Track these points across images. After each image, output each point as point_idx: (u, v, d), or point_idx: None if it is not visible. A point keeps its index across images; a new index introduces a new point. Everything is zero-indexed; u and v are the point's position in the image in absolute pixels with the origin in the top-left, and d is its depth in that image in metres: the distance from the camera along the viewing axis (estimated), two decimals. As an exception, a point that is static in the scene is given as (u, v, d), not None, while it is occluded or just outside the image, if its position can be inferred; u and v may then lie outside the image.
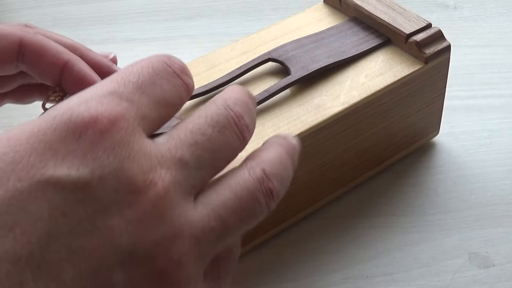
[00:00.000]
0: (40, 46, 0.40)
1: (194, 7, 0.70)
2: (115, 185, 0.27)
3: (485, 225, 0.47)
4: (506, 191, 0.50)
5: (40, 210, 0.26)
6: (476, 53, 0.62)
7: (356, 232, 0.47)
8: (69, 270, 0.26)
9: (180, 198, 0.29)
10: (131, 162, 0.28)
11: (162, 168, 0.28)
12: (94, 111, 0.28)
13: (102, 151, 0.27)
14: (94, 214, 0.26)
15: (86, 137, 0.27)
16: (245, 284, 0.44)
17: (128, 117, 0.29)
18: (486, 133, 0.54)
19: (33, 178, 0.26)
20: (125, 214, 0.27)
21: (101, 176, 0.27)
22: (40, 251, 0.25)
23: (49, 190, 0.26)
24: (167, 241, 0.28)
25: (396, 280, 0.44)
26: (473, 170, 0.51)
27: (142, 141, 0.29)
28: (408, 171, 0.51)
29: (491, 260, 0.45)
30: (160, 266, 0.27)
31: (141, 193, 0.27)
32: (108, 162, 0.27)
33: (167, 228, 0.28)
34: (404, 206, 0.49)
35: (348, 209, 0.48)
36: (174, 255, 0.28)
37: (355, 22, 0.50)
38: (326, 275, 0.44)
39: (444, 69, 0.48)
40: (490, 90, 0.58)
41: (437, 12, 0.67)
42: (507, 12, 0.67)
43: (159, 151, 0.29)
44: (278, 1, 0.70)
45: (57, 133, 0.27)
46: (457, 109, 0.56)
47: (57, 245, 0.26)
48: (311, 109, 0.44)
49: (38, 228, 0.25)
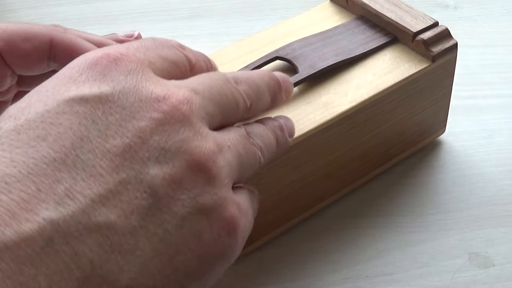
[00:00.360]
0: (71, 45, 0.41)
1: (194, 7, 0.70)
2: (137, 97, 0.29)
3: (485, 225, 0.47)
4: (506, 191, 0.50)
5: (70, 121, 0.28)
6: (476, 53, 0.62)
7: (356, 232, 0.47)
8: (104, 165, 0.27)
9: (199, 111, 0.31)
10: (149, 82, 0.30)
11: (180, 88, 0.31)
12: (106, 49, 0.31)
13: (119, 73, 0.30)
14: (122, 119, 0.29)
15: (102, 65, 0.30)
16: (245, 284, 0.44)
17: (138, 56, 0.32)
18: (486, 133, 0.54)
19: (58, 99, 0.28)
20: (152, 116, 0.29)
21: (122, 90, 0.29)
22: (74, 152, 0.27)
23: (75, 105, 0.28)
24: (195, 139, 0.30)
25: (396, 280, 0.44)
26: (473, 170, 0.51)
27: (153, 74, 0.32)
28: (408, 171, 0.51)
29: (491, 260, 0.45)
30: (195, 158, 0.29)
31: (164, 99, 0.30)
32: (126, 81, 0.30)
33: (192, 128, 0.30)
34: (404, 206, 0.49)
35: (348, 209, 0.48)
36: (205, 150, 0.30)
37: (362, 20, 0.50)
38: (326, 275, 0.44)
39: (451, 67, 0.48)
40: (490, 90, 0.58)
41: (437, 12, 0.67)
42: (507, 12, 0.67)
43: (174, 82, 0.32)
44: (278, 1, 0.70)
45: (75, 69, 0.30)
46: (457, 109, 0.56)
47: (91, 146, 0.28)
48: (319, 107, 0.44)
49: (69, 135, 0.27)
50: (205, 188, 0.30)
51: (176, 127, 0.30)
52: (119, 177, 0.28)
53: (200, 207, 0.29)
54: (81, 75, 0.30)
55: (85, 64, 0.30)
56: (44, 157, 0.27)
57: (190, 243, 0.29)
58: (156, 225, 0.28)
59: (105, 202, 0.27)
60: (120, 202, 0.27)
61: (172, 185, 0.29)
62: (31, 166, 0.26)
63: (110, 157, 0.28)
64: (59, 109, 0.28)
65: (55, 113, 0.28)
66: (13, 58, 0.41)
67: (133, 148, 0.28)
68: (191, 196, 0.29)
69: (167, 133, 0.29)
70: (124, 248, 0.27)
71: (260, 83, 0.37)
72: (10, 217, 0.25)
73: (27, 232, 0.25)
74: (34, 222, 0.25)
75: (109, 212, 0.27)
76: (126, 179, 0.28)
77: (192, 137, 0.30)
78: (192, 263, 0.29)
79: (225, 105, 0.34)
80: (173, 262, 0.29)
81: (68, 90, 0.29)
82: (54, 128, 0.27)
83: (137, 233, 0.27)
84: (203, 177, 0.30)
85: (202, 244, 0.30)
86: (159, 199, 0.28)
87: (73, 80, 0.29)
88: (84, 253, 0.26)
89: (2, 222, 0.25)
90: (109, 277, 0.26)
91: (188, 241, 0.29)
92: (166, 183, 0.28)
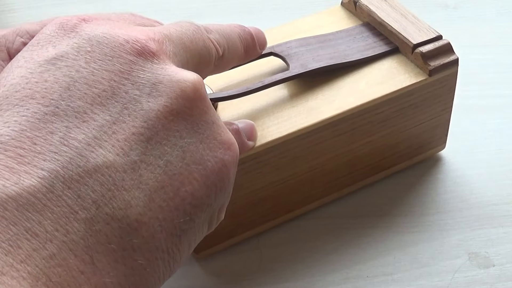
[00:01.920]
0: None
1: (194, 7, 0.70)
2: (113, 43, 0.30)
3: (485, 225, 0.47)
4: (506, 191, 0.50)
5: (54, 76, 0.28)
6: (476, 53, 0.62)
7: (356, 232, 0.47)
8: (95, 109, 0.28)
9: (171, 56, 0.32)
10: (123, 29, 0.31)
11: (154, 33, 0.32)
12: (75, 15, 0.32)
13: (91, 27, 0.31)
14: (105, 64, 0.29)
15: (72, 23, 0.31)
16: (245, 284, 0.44)
17: (109, 16, 0.34)
18: (486, 133, 0.54)
19: (39, 61, 0.29)
20: (131, 59, 0.30)
21: (98, 40, 0.30)
22: (64, 102, 0.28)
23: (57, 62, 0.29)
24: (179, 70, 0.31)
25: (396, 280, 0.44)
26: (473, 170, 0.51)
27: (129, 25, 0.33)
28: (408, 171, 0.51)
29: (491, 260, 0.45)
30: (188, 85, 0.30)
31: (144, 43, 0.31)
32: (99, 31, 0.31)
33: (172, 69, 0.31)
34: (404, 206, 0.49)
35: (348, 209, 0.48)
36: (192, 79, 0.31)
37: (367, 27, 0.49)
38: (326, 275, 0.44)
39: (451, 82, 0.47)
40: (490, 90, 0.58)
41: (437, 12, 0.67)
42: (507, 12, 0.67)
43: (147, 28, 0.33)
44: (278, 1, 0.70)
45: (48, 32, 0.31)
46: (457, 109, 0.56)
47: (79, 94, 0.28)
48: (304, 111, 0.43)
49: (56, 88, 0.28)
50: (202, 117, 0.31)
51: (161, 65, 0.30)
52: (113, 118, 0.28)
53: (198, 136, 0.30)
54: (55, 36, 0.30)
55: (57, 25, 0.31)
56: (35, 113, 0.27)
57: (194, 172, 0.30)
58: (157, 157, 0.29)
59: (101, 143, 0.27)
60: (117, 141, 0.28)
61: (169, 116, 0.29)
62: (23, 123, 0.27)
63: (101, 101, 0.28)
64: (42, 69, 0.29)
65: (39, 73, 0.29)
66: None
67: (123, 88, 0.29)
68: (188, 126, 0.30)
69: (153, 70, 0.30)
70: (128, 184, 0.27)
71: (231, 33, 0.38)
72: (9, 172, 0.25)
73: (28, 182, 0.25)
74: (33, 174, 0.26)
75: (106, 152, 0.27)
76: (120, 118, 0.28)
77: (178, 70, 0.31)
78: (199, 193, 0.30)
79: (196, 52, 0.34)
80: (180, 192, 0.29)
81: (47, 50, 0.30)
82: (40, 86, 0.28)
83: (139, 167, 0.28)
84: (198, 105, 0.31)
85: (207, 172, 0.30)
86: (156, 132, 0.29)
87: (48, 41, 0.30)
88: (87, 194, 0.26)
89: (2, 177, 0.25)
90: (117, 214, 0.27)
91: (192, 170, 0.30)
92: (162, 116, 0.29)
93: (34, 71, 0.29)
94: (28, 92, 0.28)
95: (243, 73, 0.46)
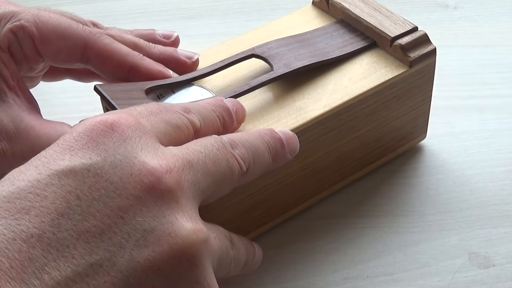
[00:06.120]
0: (105, 52, 0.43)
1: (194, 7, 0.70)
2: (128, 170, 0.29)
3: (485, 225, 0.47)
4: (506, 191, 0.50)
5: (55, 194, 0.28)
6: (476, 53, 0.62)
7: (356, 232, 0.47)
8: (78, 245, 0.28)
9: (189, 188, 0.31)
10: (145, 152, 0.30)
11: (176, 160, 0.31)
12: (106, 114, 0.31)
13: (114, 141, 0.30)
14: (107, 195, 0.29)
15: (98, 131, 0.30)
16: (245, 284, 0.44)
17: (140, 120, 0.32)
18: (486, 133, 0.54)
19: (51, 169, 0.29)
20: (139, 195, 0.29)
21: (112, 162, 0.29)
22: (51, 229, 0.27)
23: (64, 178, 0.29)
24: (182, 220, 0.30)
25: (396, 280, 0.44)
26: (473, 170, 0.51)
27: (154, 140, 0.32)
28: (409, 171, 0.51)
29: (491, 260, 0.45)
30: (179, 242, 0.29)
31: (155, 174, 0.30)
32: (119, 150, 0.30)
33: (180, 210, 0.30)
34: (404, 206, 0.49)
35: (348, 209, 0.48)
36: (189, 235, 0.30)
37: (341, 24, 0.49)
38: (326, 275, 0.44)
39: (429, 72, 0.48)
40: (490, 90, 0.58)
41: (437, 12, 0.67)
42: (507, 12, 0.67)
43: (172, 150, 0.32)
44: (278, 1, 0.70)
45: (73, 135, 0.31)
46: (457, 109, 0.56)
47: (69, 224, 0.28)
48: (292, 111, 0.44)
49: (51, 210, 0.28)
50: (186, 275, 0.29)
51: (163, 209, 0.29)
52: (92, 259, 0.27)
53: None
54: (77, 142, 0.30)
55: (82, 131, 0.31)
56: (23, 232, 0.27)
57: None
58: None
59: (71, 285, 0.27)
60: (87, 285, 0.27)
61: (148, 270, 0.28)
62: (9, 241, 0.27)
63: (87, 238, 0.28)
64: (48, 180, 0.29)
65: (44, 184, 0.29)
66: (45, 49, 0.42)
67: (113, 229, 0.28)
68: (167, 285, 0.29)
69: (152, 214, 0.29)
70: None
71: (259, 143, 0.37)
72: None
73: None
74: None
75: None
76: (99, 261, 0.28)
77: (178, 220, 0.30)
78: None
79: (218, 175, 0.34)
80: None
81: (62, 159, 0.29)
82: (39, 201, 0.28)
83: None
84: (185, 265, 0.29)
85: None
86: (129, 285, 0.28)
87: (69, 147, 0.30)
88: None
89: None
90: None
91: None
92: (141, 269, 0.28)
93: (42, 180, 0.29)
94: (26, 204, 0.28)
95: (226, 78, 0.46)
